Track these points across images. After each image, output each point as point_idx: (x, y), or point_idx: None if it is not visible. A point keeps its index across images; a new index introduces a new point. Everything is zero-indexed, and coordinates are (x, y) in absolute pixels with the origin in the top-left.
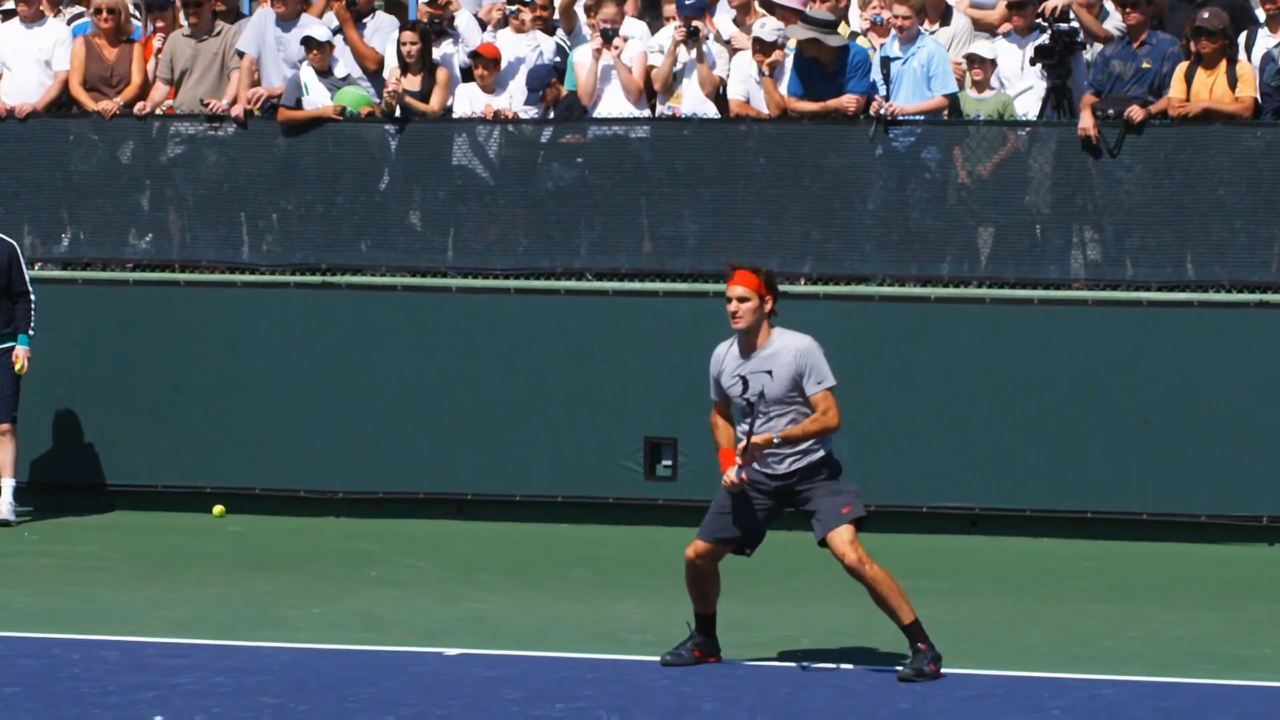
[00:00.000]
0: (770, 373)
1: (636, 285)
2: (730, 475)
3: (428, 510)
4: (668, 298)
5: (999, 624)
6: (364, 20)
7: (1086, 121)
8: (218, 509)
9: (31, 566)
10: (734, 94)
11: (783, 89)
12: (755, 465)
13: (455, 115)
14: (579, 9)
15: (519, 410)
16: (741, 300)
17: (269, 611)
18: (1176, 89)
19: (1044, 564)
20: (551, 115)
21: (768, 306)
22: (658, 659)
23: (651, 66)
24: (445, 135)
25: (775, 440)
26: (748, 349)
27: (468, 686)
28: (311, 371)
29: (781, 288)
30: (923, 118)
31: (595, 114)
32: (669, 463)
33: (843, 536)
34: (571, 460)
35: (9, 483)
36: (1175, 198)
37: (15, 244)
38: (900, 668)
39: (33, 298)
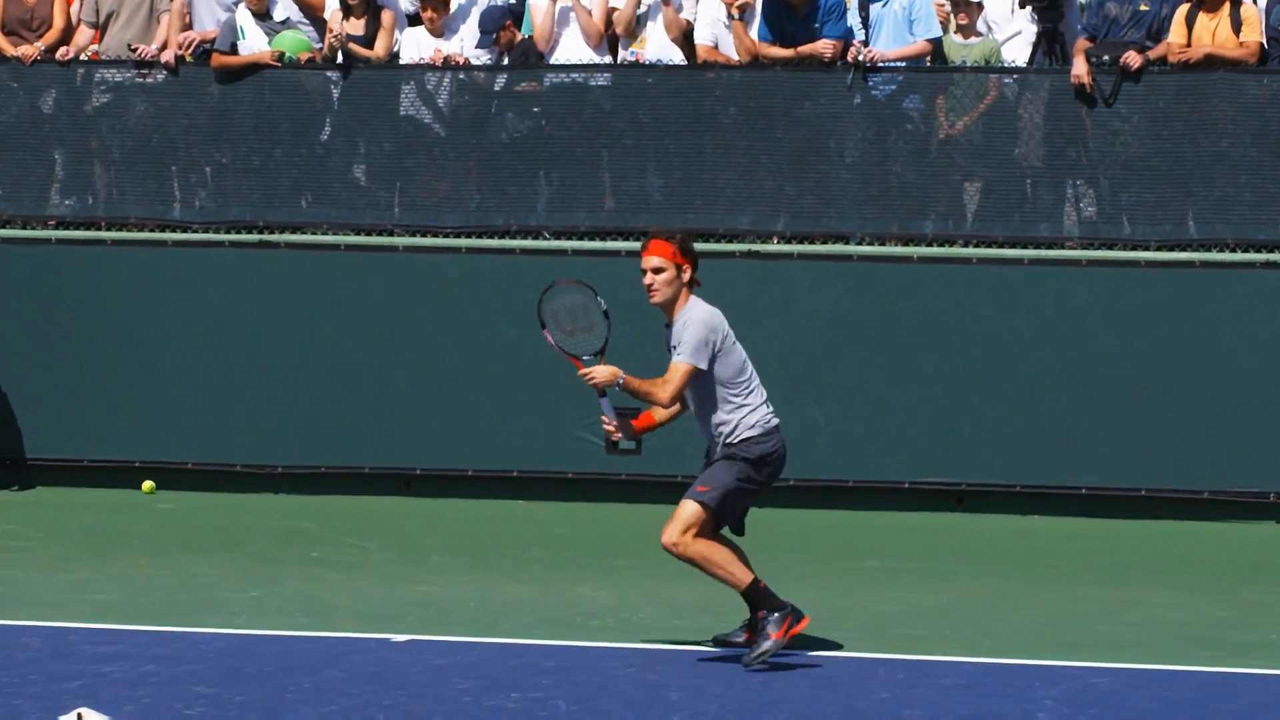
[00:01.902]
0: (674, 347)
1: (597, 245)
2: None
3: (373, 486)
4: (630, 258)
5: (986, 608)
6: None
7: (1080, 68)
8: (147, 485)
9: None
10: (701, 39)
11: (753, 33)
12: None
13: (402, 61)
14: None
15: (471, 379)
16: (656, 271)
17: (203, 595)
18: (1177, 33)
19: (1034, 544)
20: (506, 61)
21: (686, 275)
22: (619, 645)
23: (613, 9)
24: (391, 83)
25: (618, 384)
26: (668, 320)
27: (416, 675)
28: (248, 337)
29: (754, 246)
30: (904, 64)
31: (553, 60)
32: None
33: (681, 512)
34: (527, 432)
35: None
36: (1176, 150)
37: None
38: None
39: None
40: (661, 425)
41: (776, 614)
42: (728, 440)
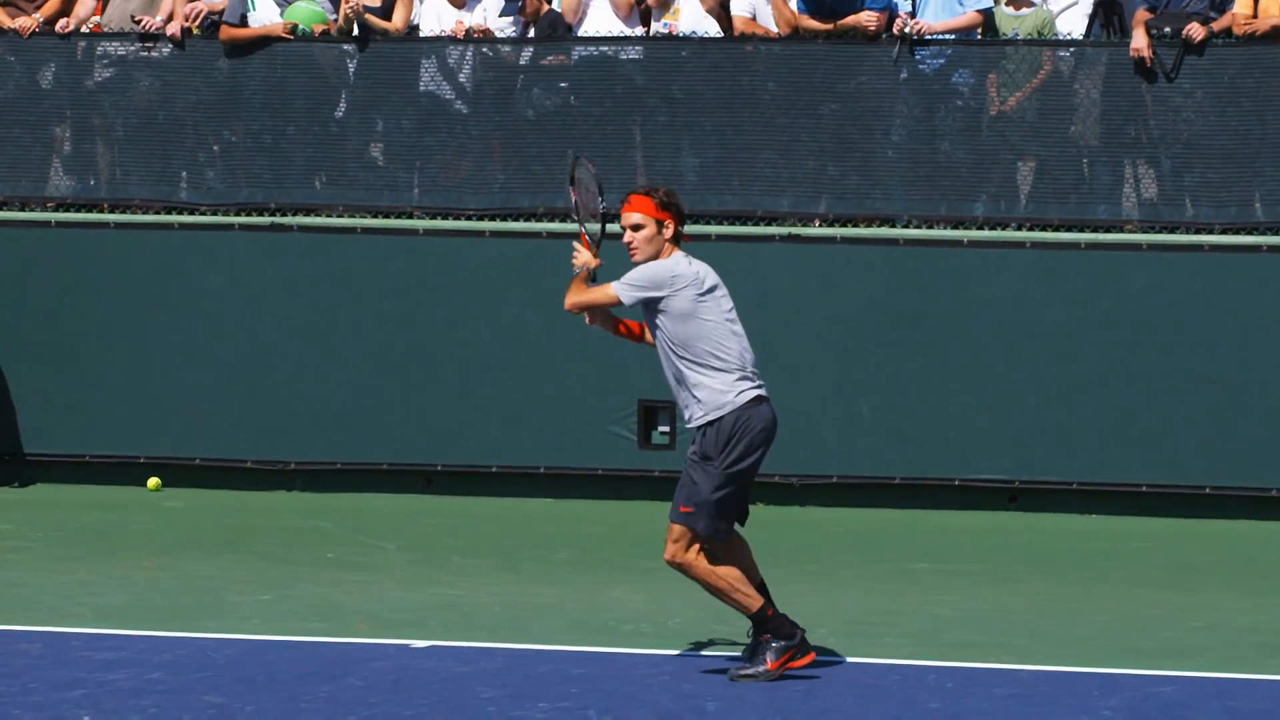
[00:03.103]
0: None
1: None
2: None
3: (391, 483)
4: None
5: (1042, 612)
6: None
7: (1140, 41)
8: (153, 482)
9: None
10: (738, 10)
11: (794, 4)
12: None
13: (422, 34)
14: None
15: (495, 370)
16: (635, 228)
17: (211, 598)
18: (1242, 3)
19: (1093, 544)
20: (532, 34)
21: (668, 231)
22: (653, 652)
23: None
24: (410, 57)
25: (585, 271)
26: None
27: (438, 683)
28: (259, 326)
29: (794, 230)
30: (953, 37)
31: (581, 32)
32: (666, 429)
33: (671, 532)
34: (555, 426)
35: None
36: (1241, 127)
37: None
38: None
39: None
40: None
41: (781, 643)
42: (695, 421)
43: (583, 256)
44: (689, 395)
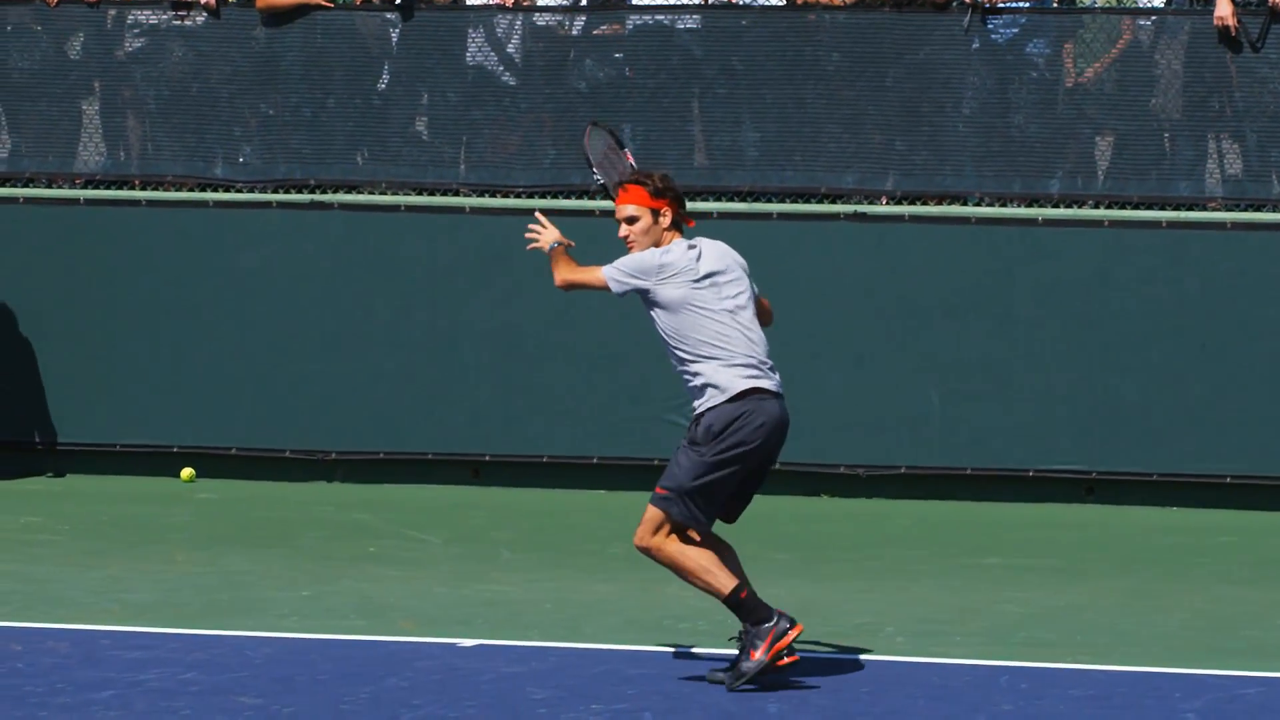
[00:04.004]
0: None
1: (686, 205)
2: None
3: (437, 474)
4: (724, 219)
5: (1120, 610)
6: None
7: (1224, 9)
8: (186, 472)
9: None
10: None
11: None
12: None
13: (469, 2)
14: None
15: (546, 356)
16: (630, 221)
17: (248, 594)
18: None
19: (1174, 538)
20: (584, 2)
21: (665, 219)
22: (712, 651)
23: None
24: (457, 26)
25: (549, 249)
26: None
27: (486, 684)
28: (298, 309)
29: (860, 207)
30: (1027, 5)
31: (636, 0)
32: None
33: (645, 513)
34: (608, 415)
35: None
36: None
37: None
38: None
39: None
40: None
41: (762, 625)
42: (696, 409)
43: (548, 234)
44: (687, 385)
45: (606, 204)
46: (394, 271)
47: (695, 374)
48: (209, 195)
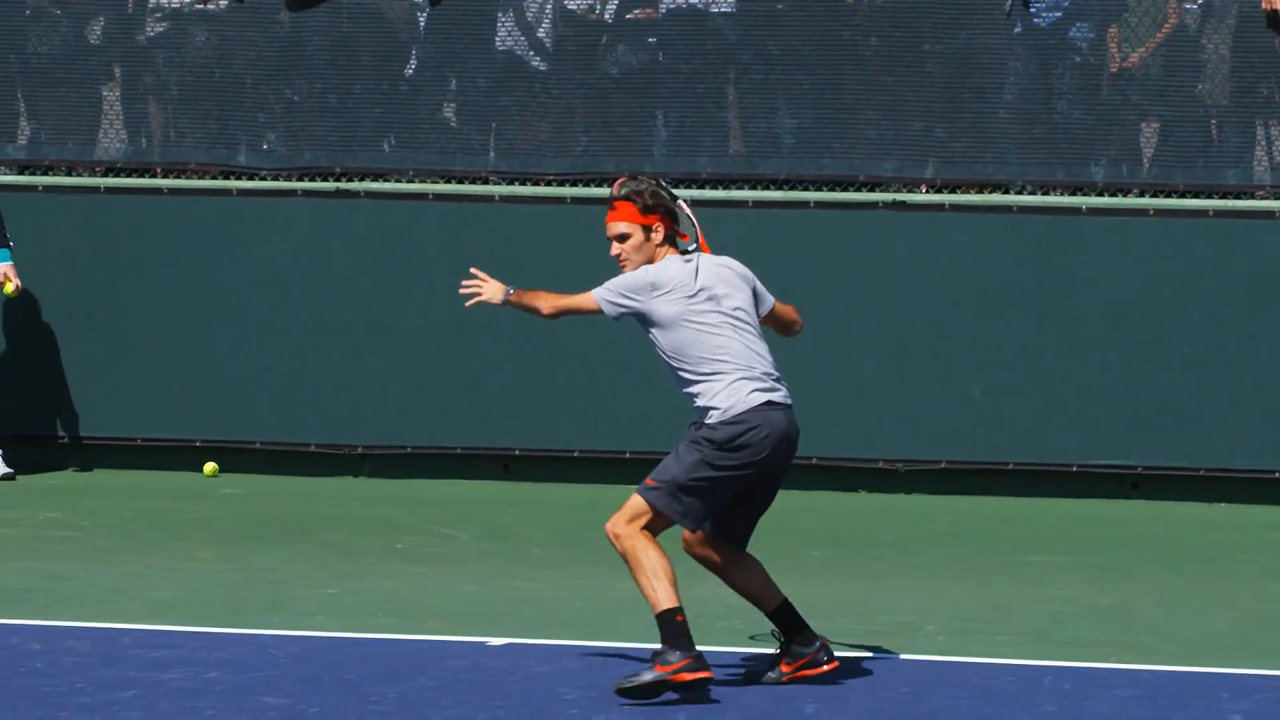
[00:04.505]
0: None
1: (720, 194)
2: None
3: (465, 469)
4: (759, 209)
5: (1166, 609)
6: None
7: None
8: (209, 467)
9: None
10: None
11: None
12: None
13: None
14: None
15: (577, 348)
16: (621, 239)
17: (272, 592)
18: None
19: (1222, 535)
20: None
21: (657, 235)
22: (748, 650)
23: None
24: (486, 10)
25: (506, 295)
26: None
27: (516, 684)
28: (323, 300)
29: (899, 196)
30: None
31: None
32: None
33: (627, 501)
34: (640, 409)
35: None
36: None
37: None
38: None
39: None
40: None
41: (677, 654)
42: (703, 416)
43: (491, 286)
44: (691, 396)
45: None
46: (422, 261)
47: (699, 393)
48: (232, 183)
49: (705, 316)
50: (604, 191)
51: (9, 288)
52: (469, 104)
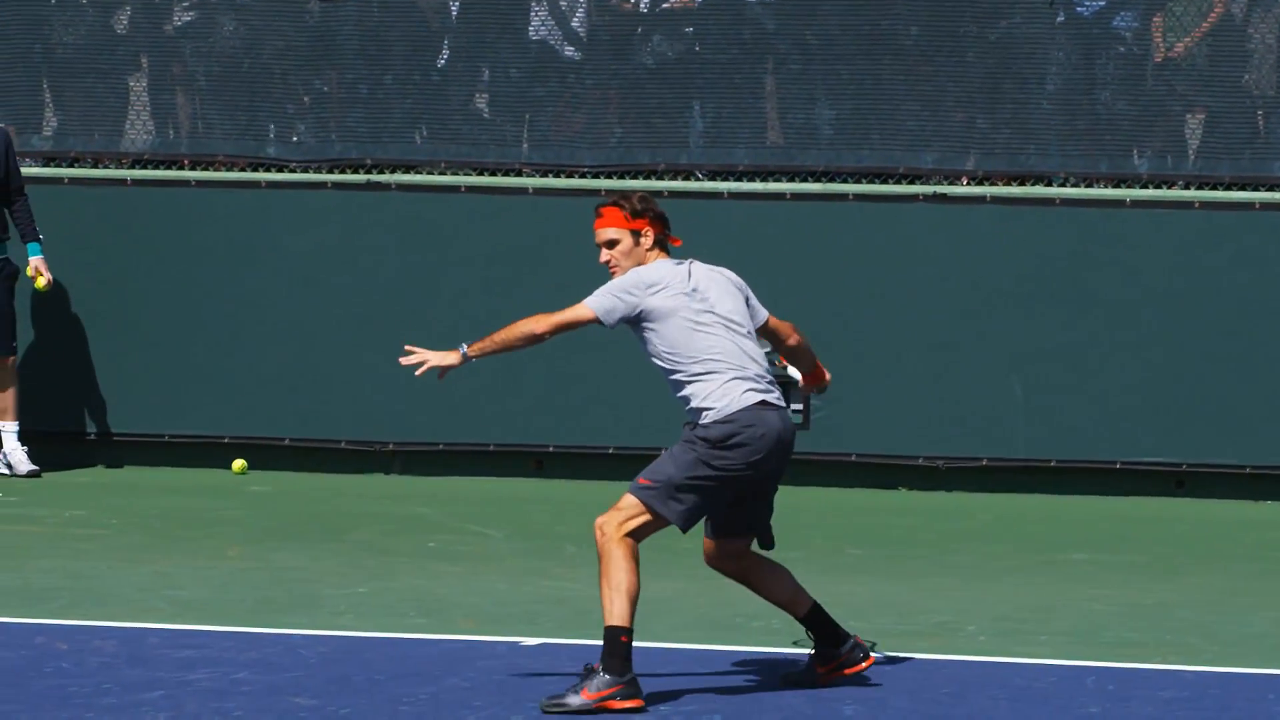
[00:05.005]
0: None
1: (758, 186)
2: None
3: (498, 466)
4: (797, 201)
5: (1212, 608)
6: None
7: None
8: (238, 464)
9: (7, 536)
10: None
11: None
12: None
13: None
14: None
15: (611, 342)
16: (610, 245)
17: (302, 591)
18: None
19: (1267, 534)
20: None
21: (646, 240)
22: (784, 651)
23: None
24: None
25: (460, 355)
26: None
27: (550, 684)
28: (353, 293)
29: (940, 188)
30: None
31: None
32: (798, 407)
33: (621, 499)
34: (674, 406)
35: (11, 428)
36: None
37: (9, 130)
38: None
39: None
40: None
41: (608, 677)
42: (696, 417)
43: (437, 354)
44: (686, 407)
45: (674, 184)
46: (453, 255)
47: (692, 394)
48: (261, 175)
49: (700, 316)
50: (639, 184)
51: (40, 282)
52: (502, 95)
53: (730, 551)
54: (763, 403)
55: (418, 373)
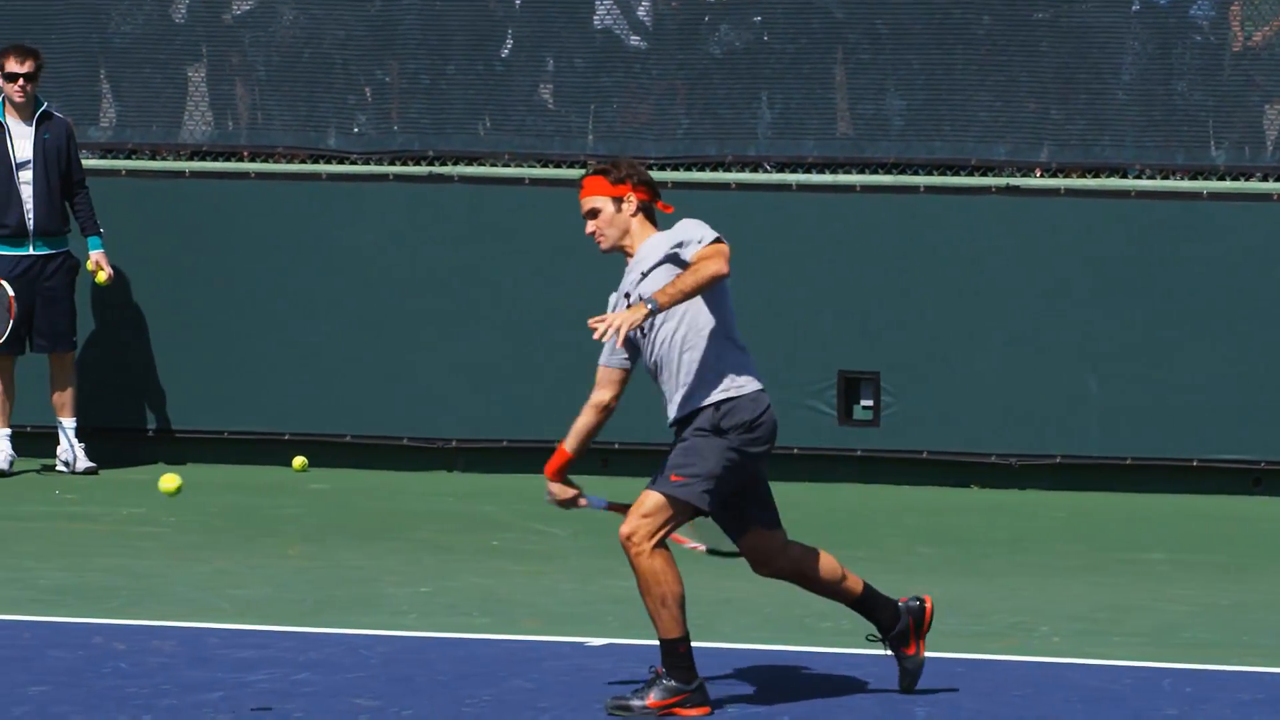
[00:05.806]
0: (645, 274)
1: (827, 178)
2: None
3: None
4: (867, 193)
5: None
6: None
7: None
8: (298, 461)
9: (65, 534)
10: None
11: None
12: None
13: None
14: None
15: None
16: (592, 215)
17: (363, 590)
18: None
19: None
20: None
21: (629, 206)
22: (855, 651)
23: None
24: None
25: (651, 307)
26: (628, 265)
27: (616, 686)
28: (415, 287)
29: (1013, 180)
30: None
31: None
32: (869, 403)
33: (646, 502)
34: None
35: (70, 424)
36: None
37: (70, 122)
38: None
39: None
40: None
41: (674, 684)
42: (710, 400)
43: (620, 315)
44: (708, 374)
45: (741, 176)
46: (517, 248)
47: (719, 358)
48: (322, 168)
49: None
50: (706, 176)
51: (100, 276)
52: (566, 85)
53: (771, 549)
54: (764, 391)
55: (606, 336)
